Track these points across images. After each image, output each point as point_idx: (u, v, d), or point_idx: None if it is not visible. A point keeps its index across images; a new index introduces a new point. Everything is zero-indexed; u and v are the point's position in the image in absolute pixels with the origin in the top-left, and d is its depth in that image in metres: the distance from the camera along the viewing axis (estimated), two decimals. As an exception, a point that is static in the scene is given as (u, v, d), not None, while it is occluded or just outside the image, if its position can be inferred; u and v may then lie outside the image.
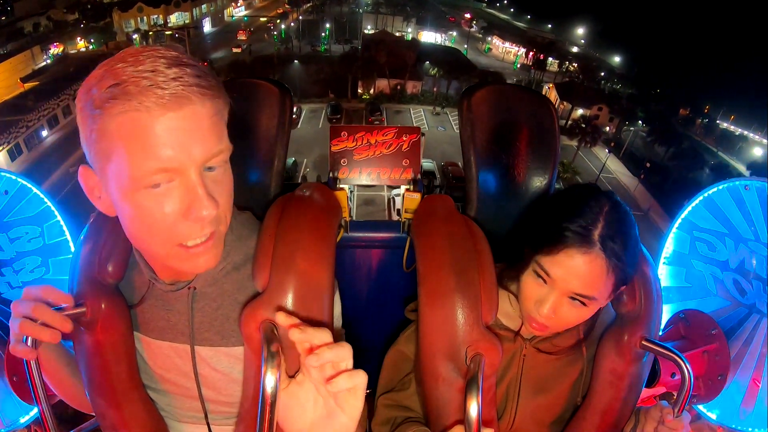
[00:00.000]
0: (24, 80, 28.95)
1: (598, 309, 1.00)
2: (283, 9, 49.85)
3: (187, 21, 43.46)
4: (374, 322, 1.39)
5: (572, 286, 0.87)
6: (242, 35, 42.35)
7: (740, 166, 32.43)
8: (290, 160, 21.77)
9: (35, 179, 1.31)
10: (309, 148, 23.36)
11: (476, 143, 1.17)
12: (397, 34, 42.95)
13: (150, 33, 39.53)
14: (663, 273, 1.47)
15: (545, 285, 0.90)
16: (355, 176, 1.29)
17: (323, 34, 42.97)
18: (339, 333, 1.00)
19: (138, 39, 38.19)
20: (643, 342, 0.95)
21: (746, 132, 37.84)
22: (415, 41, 42.31)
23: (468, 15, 54.57)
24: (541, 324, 0.93)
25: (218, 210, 0.70)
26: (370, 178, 1.29)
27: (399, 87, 32.37)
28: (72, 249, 1.33)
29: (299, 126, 26.86)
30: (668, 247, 1.47)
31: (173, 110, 0.63)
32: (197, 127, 0.65)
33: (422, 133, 1.30)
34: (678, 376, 1.13)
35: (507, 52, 47.13)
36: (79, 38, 38.29)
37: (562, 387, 1.05)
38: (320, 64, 34.06)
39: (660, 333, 1.04)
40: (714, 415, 1.32)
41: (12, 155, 21.51)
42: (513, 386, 1.04)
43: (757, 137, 36.46)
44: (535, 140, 1.18)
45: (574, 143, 28.15)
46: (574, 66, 39.77)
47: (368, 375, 0.62)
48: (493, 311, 0.91)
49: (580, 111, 32.67)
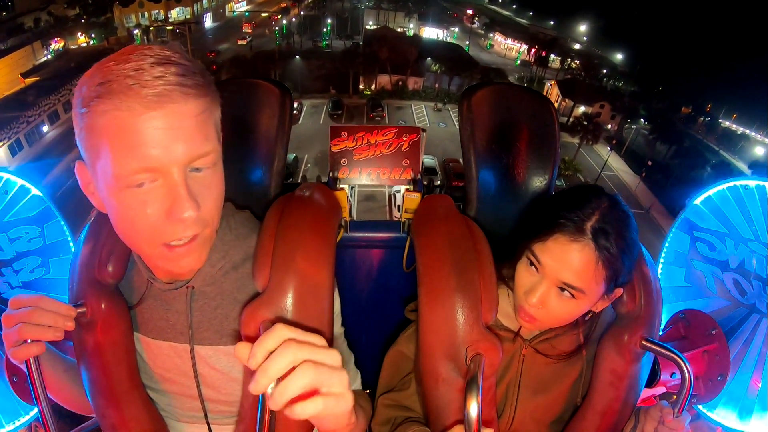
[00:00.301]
0: (25, 76, 28.91)
1: (598, 313, 1.00)
2: (286, 3, 49.74)
3: (188, 16, 43.34)
4: (374, 322, 1.39)
5: (561, 275, 0.87)
6: (247, 27, 42.98)
7: (742, 165, 32.30)
8: (291, 156, 21.69)
9: (36, 174, 1.31)
10: (310, 144, 23.31)
11: (476, 143, 1.17)
12: (399, 30, 42.79)
13: (151, 28, 39.45)
14: (663, 273, 1.46)
15: (537, 273, 0.91)
16: (355, 176, 1.29)
17: (325, 30, 42.84)
18: (338, 333, 1.00)
19: (139, 34, 38.16)
20: (643, 342, 0.95)
21: (748, 131, 37.63)
22: (417, 37, 42.27)
23: (470, 11, 54.30)
24: (530, 315, 0.93)
25: (200, 212, 0.69)
26: (370, 178, 1.29)
27: (400, 83, 32.25)
28: (72, 249, 1.33)
29: (300, 122, 26.77)
30: (668, 247, 1.47)
31: (155, 109, 0.62)
32: (180, 126, 0.65)
33: (423, 130, 1.30)
34: (678, 376, 1.13)
35: (509, 49, 46.92)
36: (80, 33, 38.19)
37: (562, 387, 1.05)
38: (322, 60, 33.86)
39: (660, 333, 1.04)
40: (714, 416, 1.32)
41: (13, 151, 21.49)
42: (512, 386, 1.04)
43: (759, 136, 36.25)
44: (535, 140, 1.18)
45: (576, 141, 28.07)
46: (577, 63, 39.63)
47: (368, 375, 0.62)
48: (493, 311, 0.91)
49: (582, 108, 32.57)
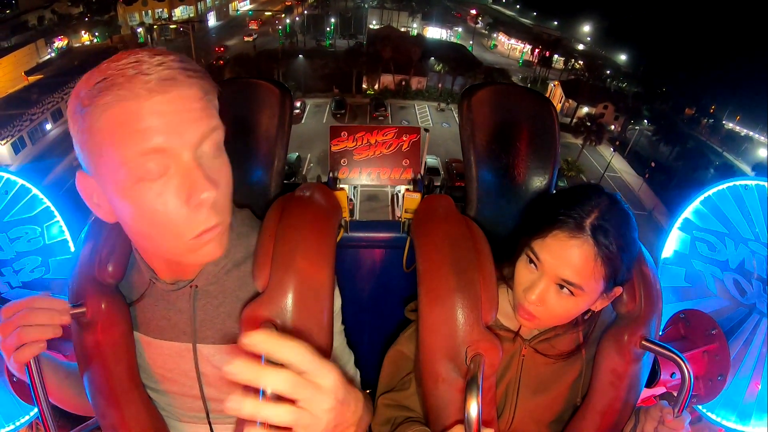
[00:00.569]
0: (28, 73, 28.88)
1: (597, 313, 1.00)
2: (289, 2, 49.79)
3: (192, 15, 43.38)
4: (374, 322, 1.39)
5: (560, 272, 0.87)
6: (254, 24, 43.62)
7: (745, 167, 32.12)
8: (294, 155, 21.60)
9: (39, 172, 1.31)
10: (313, 143, 23.28)
11: (476, 143, 1.17)
12: (403, 30, 42.72)
13: (154, 26, 39.53)
14: (663, 273, 1.46)
15: (536, 271, 0.91)
16: (355, 176, 1.29)
17: (328, 29, 42.87)
18: (338, 330, 1.00)
19: (142, 32, 38.26)
20: (643, 342, 0.95)
21: (752, 133, 37.47)
22: (421, 37, 42.17)
23: (474, 11, 54.08)
24: (530, 313, 0.93)
25: (218, 192, 0.68)
26: (370, 178, 1.29)
27: (404, 83, 32.20)
28: (72, 249, 1.33)
29: (303, 121, 26.75)
30: (668, 247, 1.47)
31: (161, 93, 0.63)
32: (187, 109, 0.65)
33: (426, 130, 1.30)
34: (678, 376, 1.13)
35: (512, 49, 46.85)
36: (84, 32, 38.19)
37: (561, 387, 1.05)
38: (325, 59, 33.83)
39: (660, 333, 1.04)
40: (714, 416, 1.32)
41: (16, 148, 21.53)
42: (512, 386, 1.04)
43: (763, 138, 36.04)
44: (536, 140, 1.18)
45: (579, 141, 27.98)
46: (580, 64, 39.52)
47: (368, 375, 0.62)
48: (493, 311, 0.91)
49: (586, 109, 32.49)
